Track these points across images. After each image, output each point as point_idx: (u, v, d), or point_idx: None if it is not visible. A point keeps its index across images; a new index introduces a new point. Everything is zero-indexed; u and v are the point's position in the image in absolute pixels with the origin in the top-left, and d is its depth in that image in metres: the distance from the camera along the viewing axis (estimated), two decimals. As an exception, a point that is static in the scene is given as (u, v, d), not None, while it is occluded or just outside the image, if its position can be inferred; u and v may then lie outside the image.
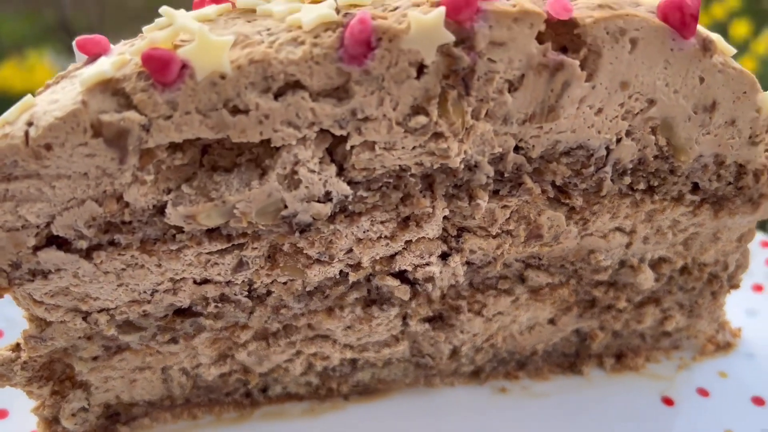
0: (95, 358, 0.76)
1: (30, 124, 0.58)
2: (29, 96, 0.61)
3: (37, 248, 0.64)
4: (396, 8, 0.59)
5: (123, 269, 0.67)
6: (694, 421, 0.84)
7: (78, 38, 0.65)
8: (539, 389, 0.88)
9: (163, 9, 0.59)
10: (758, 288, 1.03)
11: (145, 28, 0.66)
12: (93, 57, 0.64)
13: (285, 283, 0.71)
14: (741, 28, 4.69)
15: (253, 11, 0.63)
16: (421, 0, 0.60)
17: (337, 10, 0.60)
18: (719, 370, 0.92)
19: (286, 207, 0.64)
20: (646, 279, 0.80)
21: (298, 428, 0.82)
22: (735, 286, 0.90)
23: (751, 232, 0.84)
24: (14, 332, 0.90)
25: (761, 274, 1.05)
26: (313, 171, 0.62)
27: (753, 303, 1.01)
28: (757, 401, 0.87)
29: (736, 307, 1.01)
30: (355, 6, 0.60)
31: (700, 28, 0.66)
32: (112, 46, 0.66)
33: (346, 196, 0.65)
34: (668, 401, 0.87)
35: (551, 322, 0.85)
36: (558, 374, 0.90)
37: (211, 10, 0.63)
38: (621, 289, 0.83)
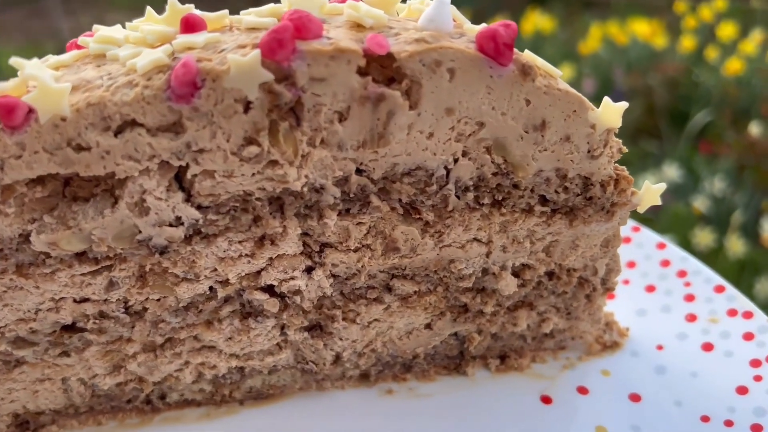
0: (-4, 372, 0.82)
1: None
2: None
3: None
4: (223, 50, 0.65)
5: (4, 291, 0.73)
6: (568, 418, 0.89)
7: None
8: (424, 390, 0.94)
9: (13, 60, 0.66)
10: (650, 288, 1.08)
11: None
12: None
13: (158, 300, 0.78)
14: (728, 30, 4.69)
15: (104, 56, 0.69)
16: (246, 42, 0.66)
17: (173, 54, 0.66)
18: (603, 369, 0.97)
19: (140, 232, 0.70)
20: (507, 285, 0.86)
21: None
22: (610, 290, 0.95)
23: (616, 237, 0.89)
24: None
25: (655, 275, 1.09)
26: (160, 199, 0.68)
27: (644, 303, 1.05)
28: (634, 398, 0.92)
29: (627, 307, 1.05)
30: (190, 49, 0.66)
31: (519, 55, 0.71)
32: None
33: (197, 220, 0.71)
34: (547, 400, 0.92)
35: (428, 326, 0.90)
36: (444, 375, 0.96)
37: (68, 56, 0.70)
38: (489, 295, 0.88)
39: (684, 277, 1.08)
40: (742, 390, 0.89)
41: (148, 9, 0.79)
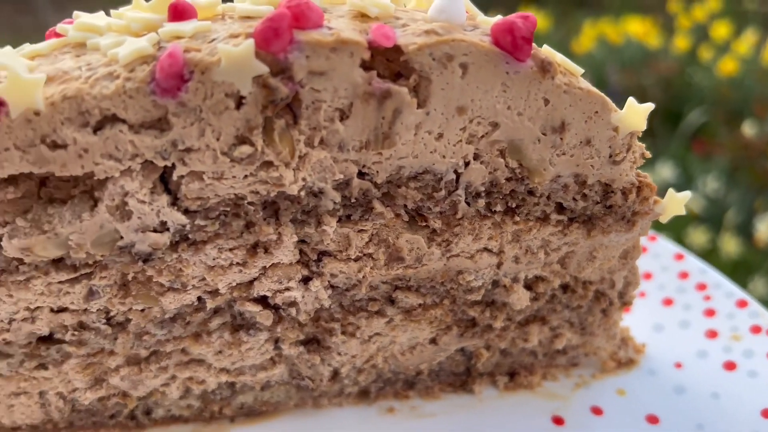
0: (-32, 385, 0.77)
1: None
2: None
3: None
4: (214, 40, 0.60)
5: (-26, 300, 0.67)
6: (582, 441, 0.83)
7: None
8: (428, 409, 0.88)
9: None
10: (668, 302, 1.01)
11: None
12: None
13: (142, 311, 0.72)
14: (722, 29, 4.68)
15: (84, 45, 0.64)
16: (238, 31, 0.60)
17: (158, 43, 0.61)
18: (618, 388, 0.91)
19: (122, 238, 0.64)
20: (519, 299, 0.80)
21: (181, 450, 0.83)
22: (627, 304, 0.89)
23: (636, 249, 0.83)
24: None
25: (673, 288, 1.03)
26: (143, 202, 0.62)
27: (661, 318, 0.99)
28: (652, 419, 0.86)
29: (643, 322, 0.99)
30: (178, 38, 0.61)
31: (538, 50, 0.65)
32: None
33: (184, 225, 0.65)
34: (558, 421, 0.86)
35: (432, 341, 0.84)
36: (450, 393, 0.90)
37: (45, 45, 0.64)
38: (500, 309, 0.82)
39: (704, 291, 1.02)
40: (767, 413, 0.83)
41: (137, -4, 0.74)
